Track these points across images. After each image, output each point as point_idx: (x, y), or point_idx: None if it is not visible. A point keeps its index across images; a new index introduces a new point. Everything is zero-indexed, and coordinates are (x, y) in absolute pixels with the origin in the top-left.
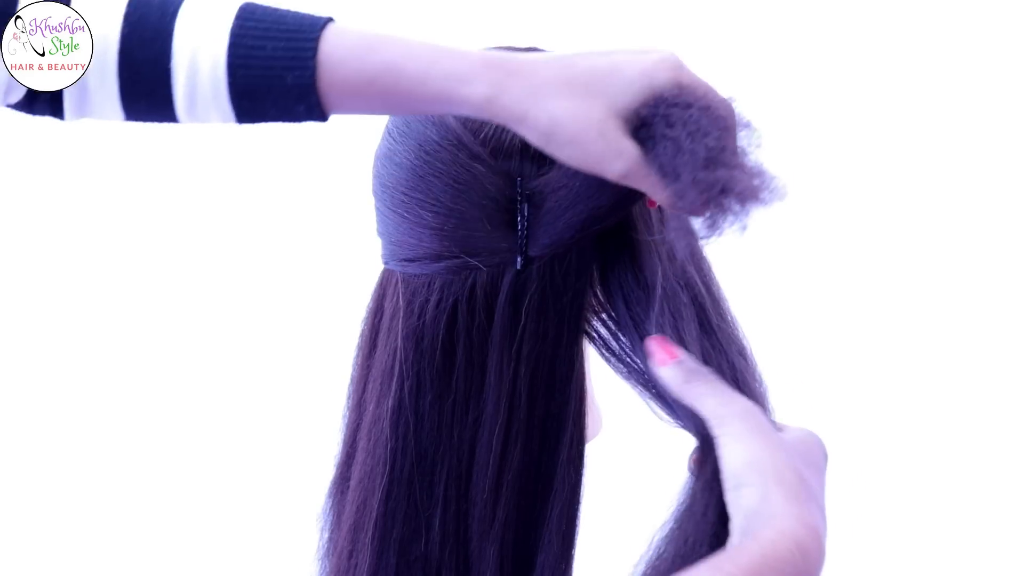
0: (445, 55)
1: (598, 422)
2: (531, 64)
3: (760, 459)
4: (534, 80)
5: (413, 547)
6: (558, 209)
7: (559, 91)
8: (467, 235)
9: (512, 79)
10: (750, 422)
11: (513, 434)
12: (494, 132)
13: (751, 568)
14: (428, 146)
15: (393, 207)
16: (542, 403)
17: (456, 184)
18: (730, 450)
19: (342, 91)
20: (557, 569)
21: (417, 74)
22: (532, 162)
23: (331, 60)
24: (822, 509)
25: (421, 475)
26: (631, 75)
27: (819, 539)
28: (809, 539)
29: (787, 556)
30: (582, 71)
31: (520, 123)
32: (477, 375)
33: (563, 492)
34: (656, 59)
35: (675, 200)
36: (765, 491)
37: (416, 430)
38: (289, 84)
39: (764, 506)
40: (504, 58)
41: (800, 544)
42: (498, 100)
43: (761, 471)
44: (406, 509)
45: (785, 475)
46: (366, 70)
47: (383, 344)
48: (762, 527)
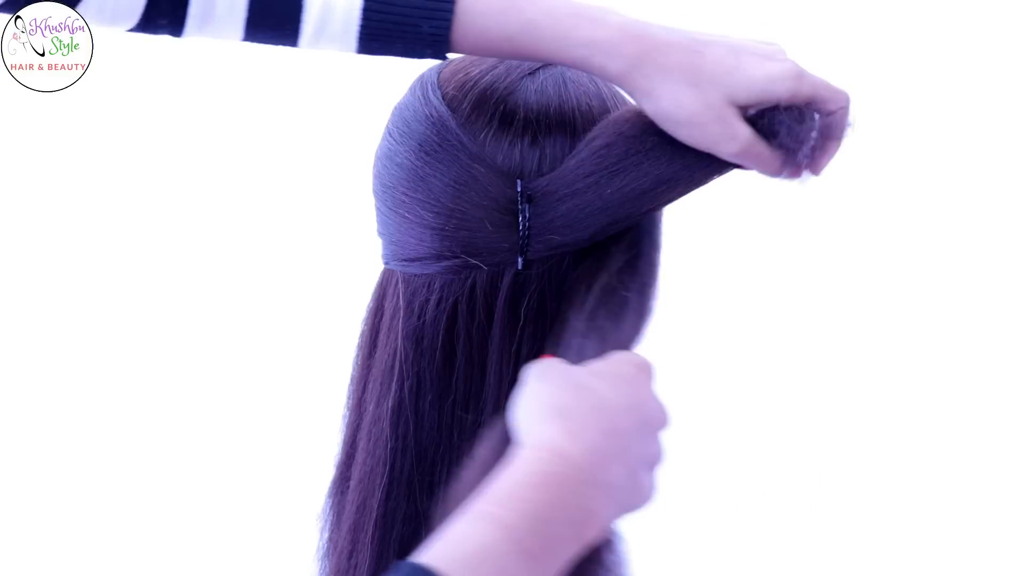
0: (585, 20)
1: None
2: (666, 44)
3: (530, 393)
4: (665, 61)
5: (413, 547)
6: (561, 211)
7: (685, 76)
8: (468, 235)
9: (646, 57)
10: (536, 369)
11: None
12: (495, 132)
13: (505, 491)
14: (428, 147)
15: (394, 207)
16: None
17: (457, 185)
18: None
19: (475, 42)
20: None
21: (556, 38)
22: (534, 162)
23: (470, 13)
24: (602, 418)
25: (421, 475)
26: (753, 77)
27: (581, 439)
28: (568, 441)
29: (540, 464)
30: (709, 63)
31: (645, 97)
32: (477, 375)
33: None
34: (779, 70)
35: (782, 173)
36: (526, 419)
37: (416, 430)
38: (424, 32)
39: (520, 434)
40: (642, 32)
41: (554, 448)
42: (630, 74)
43: (526, 405)
44: (406, 509)
45: (549, 400)
46: (504, 27)
47: (383, 344)
48: (516, 453)
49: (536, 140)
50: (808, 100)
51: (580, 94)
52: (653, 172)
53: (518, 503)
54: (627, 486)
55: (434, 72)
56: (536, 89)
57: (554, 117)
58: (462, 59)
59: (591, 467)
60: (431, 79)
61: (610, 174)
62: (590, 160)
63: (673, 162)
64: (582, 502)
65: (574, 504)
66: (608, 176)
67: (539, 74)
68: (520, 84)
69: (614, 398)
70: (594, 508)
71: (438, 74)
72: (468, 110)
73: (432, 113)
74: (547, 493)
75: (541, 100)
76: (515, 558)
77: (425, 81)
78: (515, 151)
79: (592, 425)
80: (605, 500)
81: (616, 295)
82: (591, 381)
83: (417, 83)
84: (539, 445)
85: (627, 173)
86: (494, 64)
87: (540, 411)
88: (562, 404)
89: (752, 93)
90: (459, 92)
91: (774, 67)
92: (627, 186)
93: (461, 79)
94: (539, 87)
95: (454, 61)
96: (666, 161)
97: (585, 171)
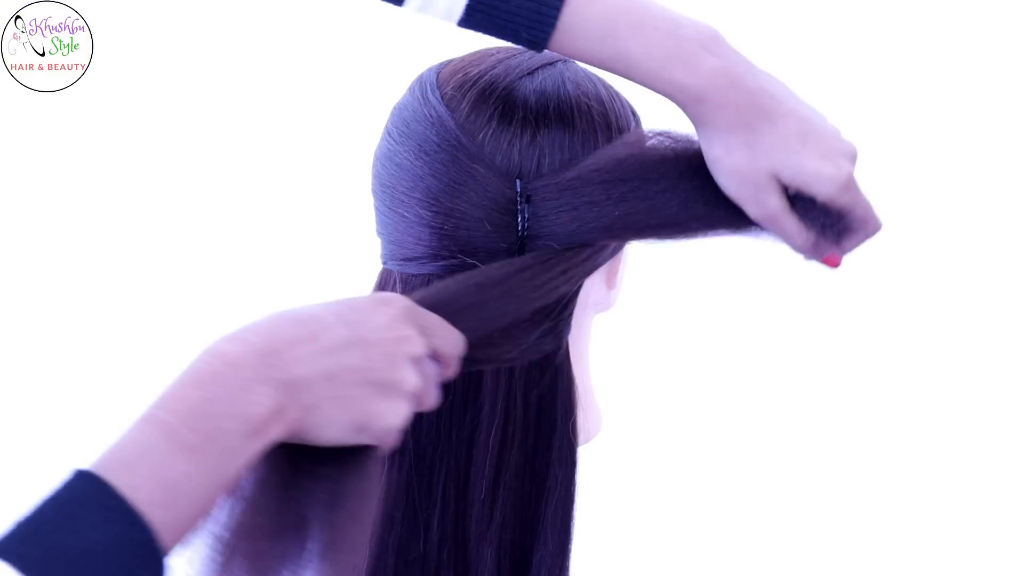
0: (679, 63)
1: (598, 422)
2: (747, 100)
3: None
4: (735, 117)
5: (412, 548)
6: (560, 220)
7: (746, 135)
8: (466, 235)
9: (725, 108)
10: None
11: (510, 434)
12: (493, 132)
13: (166, 393)
14: (427, 147)
15: (392, 206)
16: (535, 402)
17: (455, 184)
18: None
19: (570, 52)
20: (554, 566)
21: (648, 74)
22: (533, 162)
23: (569, 31)
24: (291, 327)
25: (420, 477)
26: (806, 169)
27: (245, 342)
28: (229, 344)
29: (197, 365)
30: (775, 135)
31: (703, 132)
32: (475, 376)
33: (557, 490)
34: (831, 174)
35: (802, 251)
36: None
37: (414, 431)
38: (522, 37)
39: None
40: (730, 83)
41: (212, 350)
42: (703, 115)
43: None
44: (404, 510)
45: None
46: (600, 53)
47: None
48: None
49: (535, 140)
50: (843, 210)
51: (579, 94)
52: (662, 212)
53: (173, 402)
54: (328, 396)
55: (433, 72)
56: (535, 89)
57: (553, 117)
58: (461, 59)
59: (254, 366)
60: (430, 79)
61: (614, 201)
62: (595, 181)
63: (684, 211)
64: (245, 397)
65: (232, 399)
66: (612, 203)
67: (538, 74)
68: (519, 84)
69: (322, 314)
70: (265, 404)
71: (437, 74)
72: (467, 110)
73: (431, 113)
74: (201, 390)
75: (540, 100)
76: (174, 453)
77: (424, 81)
78: (514, 151)
79: (269, 332)
80: (285, 400)
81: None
82: (306, 305)
83: (416, 83)
84: (204, 351)
85: (633, 204)
86: (493, 64)
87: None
88: (255, 320)
89: (795, 181)
90: (458, 92)
91: (828, 169)
92: (631, 216)
93: (460, 79)
94: (538, 87)
95: (453, 61)
96: (676, 206)
97: (587, 197)
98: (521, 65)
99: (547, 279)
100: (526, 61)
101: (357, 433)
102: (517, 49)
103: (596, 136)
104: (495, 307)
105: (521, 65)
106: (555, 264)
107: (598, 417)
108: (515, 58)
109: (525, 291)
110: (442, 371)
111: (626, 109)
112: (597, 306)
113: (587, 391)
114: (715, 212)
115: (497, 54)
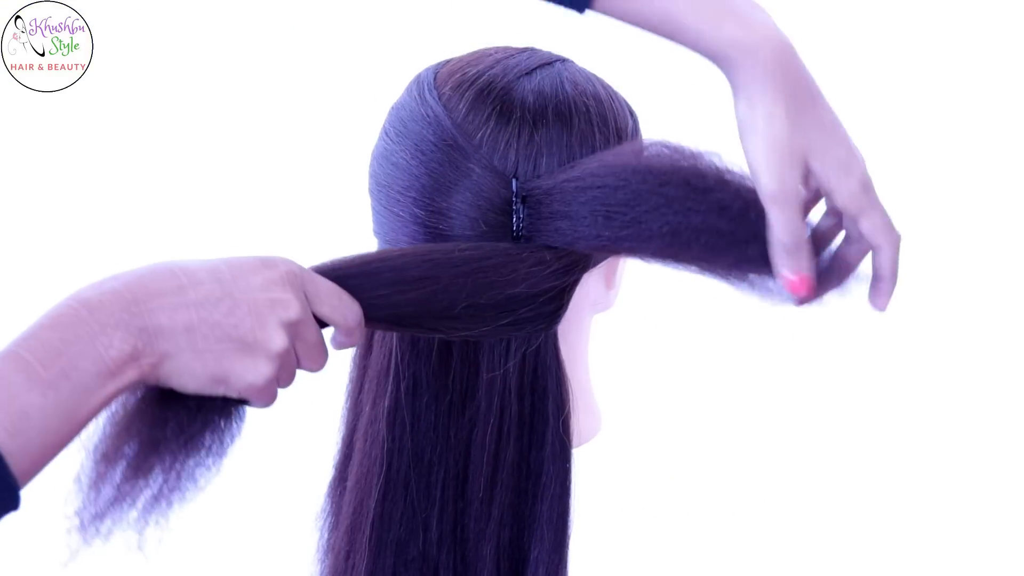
0: (731, 16)
1: (597, 421)
2: (795, 75)
3: None
4: (783, 85)
5: (410, 547)
6: (555, 226)
7: (787, 108)
8: (461, 235)
9: (772, 73)
10: None
11: (505, 432)
12: (491, 132)
13: (27, 332)
14: (424, 146)
15: (388, 206)
16: (528, 397)
17: (452, 184)
18: None
19: (615, 11)
20: (551, 563)
21: (698, 33)
22: (530, 163)
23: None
24: (157, 278)
25: (418, 476)
26: (836, 155)
27: (102, 287)
28: (88, 290)
29: (56, 309)
30: (817, 117)
31: (744, 95)
32: (472, 374)
33: (552, 487)
34: (859, 168)
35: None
36: None
37: (413, 430)
38: (562, 1)
39: None
40: (784, 48)
41: (72, 295)
42: (753, 74)
43: None
44: (403, 510)
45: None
46: (645, 10)
47: (379, 344)
48: None
49: (532, 140)
50: (857, 215)
51: (578, 94)
52: (650, 244)
53: (33, 341)
54: (186, 347)
55: (431, 72)
56: (533, 89)
57: (551, 117)
58: (459, 59)
59: (113, 311)
60: (428, 79)
61: (603, 217)
62: (593, 186)
63: (673, 247)
64: (102, 340)
65: (89, 341)
66: (603, 219)
67: (536, 74)
68: (517, 84)
69: (197, 268)
70: (120, 348)
71: (435, 74)
72: (464, 110)
73: (428, 113)
74: (60, 332)
75: (538, 100)
76: (28, 386)
77: (422, 81)
78: (511, 151)
79: (136, 280)
80: (141, 346)
81: None
82: (189, 259)
83: (413, 83)
84: (68, 296)
85: (627, 223)
86: (491, 64)
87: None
88: (129, 268)
89: (825, 168)
90: (455, 92)
91: (855, 164)
92: (623, 234)
93: (458, 79)
94: (536, 87)
95: (451, 61)
96: (667, 237)
97: (582, 207)
98: (519, 65)
99: (518, 269)
100: (524, 61)
101: (216, 386)
102: (515, 49)
103: (595, 136)
104: (446, 284)
105: (519, 65)
106: (528, 258)
107: (598, 417)
108: (513, 58)
109: (489, 276)
110: (342, 339)
111: (624, 109)
112: (596, 306)
113: (586, 391)
114: (704, 253)
115: (495, 54)
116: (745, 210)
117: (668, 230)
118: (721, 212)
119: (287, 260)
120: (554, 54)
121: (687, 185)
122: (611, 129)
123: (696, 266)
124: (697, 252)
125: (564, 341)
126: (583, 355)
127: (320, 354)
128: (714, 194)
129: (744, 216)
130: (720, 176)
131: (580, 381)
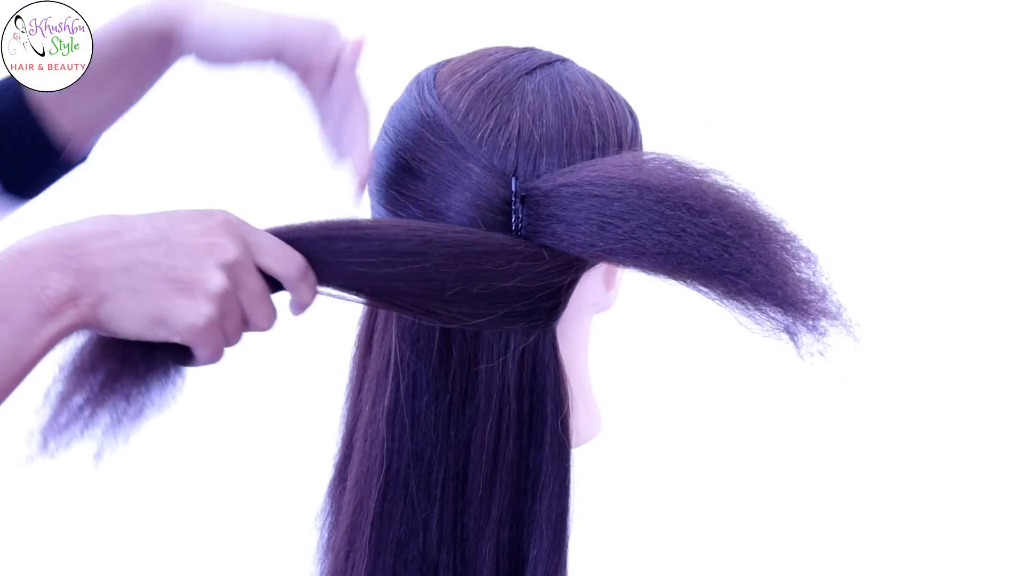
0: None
1: (597, 421)
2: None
3: None
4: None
5: (410, 547)
6: (553, 228)
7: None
8: None
9: None
10: None
11: (504, 431)
12: (490, 132)
13: None
14: (423, 145)
15: (387, 205)
16: (527, 395)
17: (451, 184)
18: None
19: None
20: (550, 562)
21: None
22: (529, 163)
23: None
24: (95, 225)
25: (418, 475)
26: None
27: (39, 236)
28: (25, 240)
29: (1, 261)
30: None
31: None
32: (471, 374)
33: (551, 486)
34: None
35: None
36: None
37: (412, 430)
38: None
39: None
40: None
41: (11, 244)
42: None
43: None
44: (403, 509)
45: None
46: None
47: (378, 344)
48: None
49: (532, 140)
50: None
51: (577, 94)
52: (642, 258)
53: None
54: (124, 287)
55: (431, 72)
56: (533, 89)
57: (551, 117)
58: (459, 59)
59: (49, 255)
60: (427, 79)
61: (602, 226)
62: (586, 201)
63: (664, 264)
64: (39, 282)
65: (26, 283)
66: (599, 227)
67: (536, 74)
68: (517, 84)
69: (134, 218)
70: (57, 288)
71: (435, 74)
72: (464, 110)
73: (427, 112)
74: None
75: (537, 100)
76: None
77: (421, 81)
78: (510, 151)
79: (72, 227)
80: (78, 286)
81: None
82: (127, 212)
83: (413, 83)
84: (7, 247)
85: (620, 235)
86: (491, 64)
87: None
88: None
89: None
90: (455, 92)
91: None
92: (616, 246)
93: (458, 79)
94: (536, 87)
95: (451, 61)
96: (659, 260)
97: (579, 213)
98: (519, 65)
99: (511, 261)
100: (524, 61)
101: (156, 326)
102: (515, 49)
103: (594, 135)
104: (436, 263)
105: (519, 65)
106: (522, 251)
107: (598, 417)
108: (513, 58)
109: (481, 264)
110: (294, 297)
111: (624, 109)
112: (595, 306)
113: (586, 391)
114: (696, 276)
115: (495, 54)
116: (740, 240)
117: (660, 249)
118: (714, 239)
119: (225, 211)
120: (554, 54)
121: (684, 206)
122: (611, 129)
123: (690, 287)
124: (689, 274)
125: (563, 341)
126: (583, 355)
127: (265, 306)
128: (709, 218)
129: (738, 246)
130: (720, 198)
131: (580, 381)
